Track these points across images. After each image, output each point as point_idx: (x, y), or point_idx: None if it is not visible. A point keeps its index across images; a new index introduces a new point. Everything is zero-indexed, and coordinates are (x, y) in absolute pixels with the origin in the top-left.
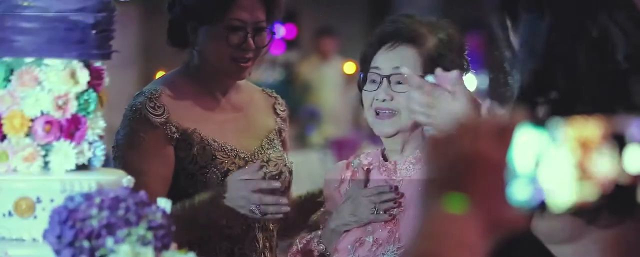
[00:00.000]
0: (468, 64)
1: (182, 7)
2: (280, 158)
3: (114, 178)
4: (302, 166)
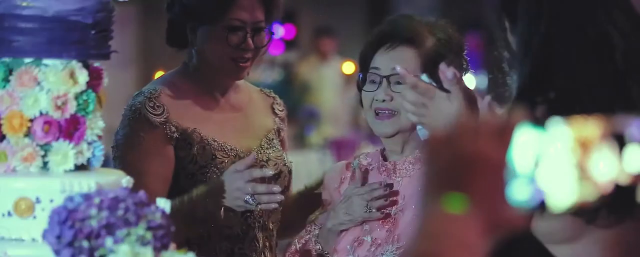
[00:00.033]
0: (467, 64)
1: (181, 7)
2: (279, 158)
3: (113, 178)
4: (302, 166)
